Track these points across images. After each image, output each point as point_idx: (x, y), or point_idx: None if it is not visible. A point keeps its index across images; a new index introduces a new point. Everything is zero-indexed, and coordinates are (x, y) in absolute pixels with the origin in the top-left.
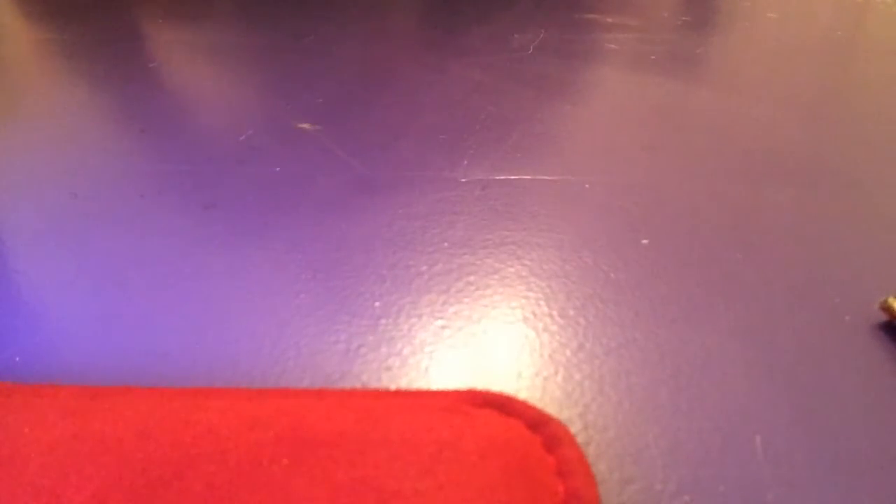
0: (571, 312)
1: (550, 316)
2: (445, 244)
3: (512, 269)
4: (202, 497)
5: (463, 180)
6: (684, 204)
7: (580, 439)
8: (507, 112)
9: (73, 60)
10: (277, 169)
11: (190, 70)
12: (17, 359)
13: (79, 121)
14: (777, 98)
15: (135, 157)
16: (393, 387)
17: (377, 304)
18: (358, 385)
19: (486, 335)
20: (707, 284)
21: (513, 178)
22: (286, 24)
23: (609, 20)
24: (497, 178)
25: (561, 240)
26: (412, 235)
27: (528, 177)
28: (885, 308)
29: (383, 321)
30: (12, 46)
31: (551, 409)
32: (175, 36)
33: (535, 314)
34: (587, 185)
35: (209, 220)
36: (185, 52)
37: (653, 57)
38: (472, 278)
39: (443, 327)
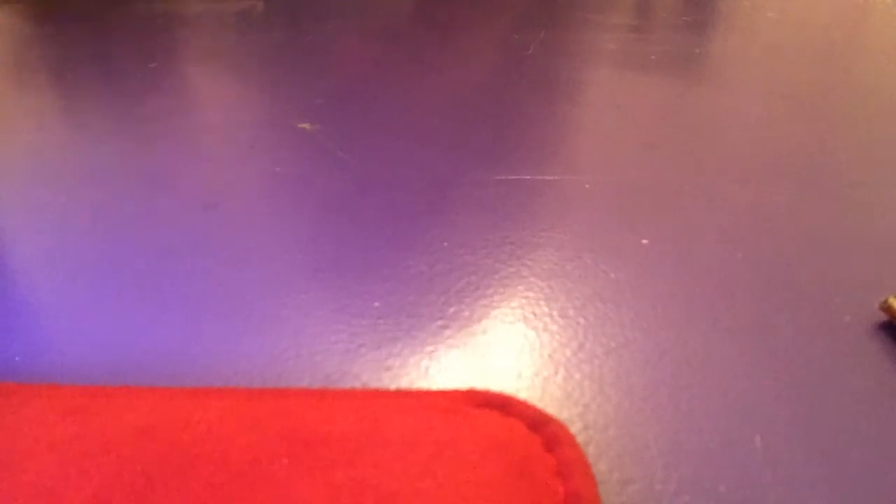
0: (571, 312)
1: (550, 316)
2: (445, 244)
3: (512, 269)
4: (202, 497)
5: (463, 180)
6: (684, 204)
7: (580, 439)
8: (507, 112)
9: (72, 60)
10: (277, 169)
11: (190, 70)
12: (17, 359)
13: (78, 121)
14: (777, 98)
15: (134, 157)
16: (393, 387)
17: (377, 304)
18: (358, 385)
19: (486, 335)
20: (707, 284)
21: (513, 178)
22: (286, 24)
23: (609, 20)
24: (497, 178)
25: (561, 240)
26: (412, 235)
27: (528, 177)
28: (885, 308)
29: (383, 321)
30: (11, 46)
31: (551, 409)
32: (175, 36)
33: (535, 314)
34: (587, 185)
35: (209, 220)
36: (184, 52)
37: (653, 57)
38: (472, 278)
39: (443, 327)
